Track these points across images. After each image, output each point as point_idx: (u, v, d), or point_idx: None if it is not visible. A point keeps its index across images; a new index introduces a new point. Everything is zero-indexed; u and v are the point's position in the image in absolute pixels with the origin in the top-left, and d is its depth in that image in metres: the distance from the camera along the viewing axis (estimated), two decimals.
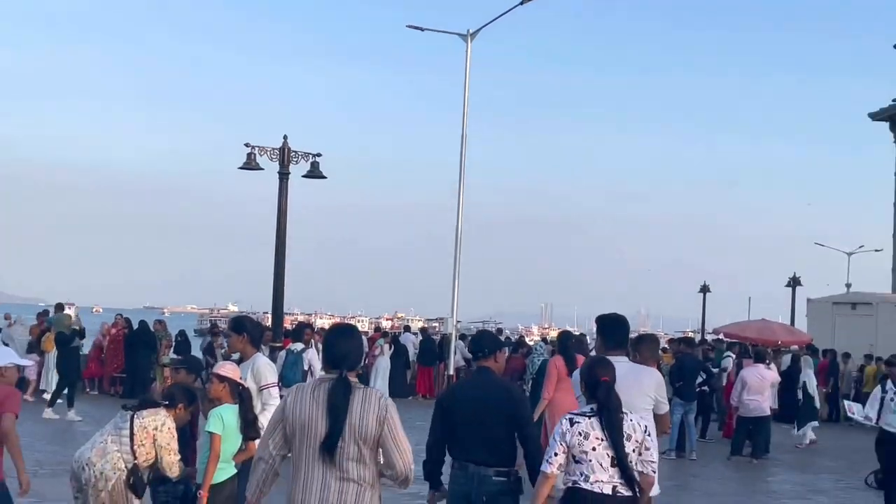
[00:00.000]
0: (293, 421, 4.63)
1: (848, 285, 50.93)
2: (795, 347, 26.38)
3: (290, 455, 4.73)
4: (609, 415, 5.43)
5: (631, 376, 6.22)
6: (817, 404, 20.88)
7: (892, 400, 11.05)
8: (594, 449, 5.38)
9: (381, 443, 4.61)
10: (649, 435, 5.55)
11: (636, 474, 5.43)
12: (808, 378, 20.67)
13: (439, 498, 6.32)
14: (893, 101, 53.92)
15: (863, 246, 63.59)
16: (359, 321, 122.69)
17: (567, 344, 11.76)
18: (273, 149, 17.94)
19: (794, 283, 58.72)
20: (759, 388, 17.23)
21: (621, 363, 6.15)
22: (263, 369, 7.47)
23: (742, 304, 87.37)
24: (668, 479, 13.74)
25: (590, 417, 5.44)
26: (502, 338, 32.02)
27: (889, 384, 11.23)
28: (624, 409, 5.52)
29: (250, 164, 17.86)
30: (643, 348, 7.05)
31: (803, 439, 19.77)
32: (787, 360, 24.19)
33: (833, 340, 28.62)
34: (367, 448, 4.58)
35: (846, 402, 14.88)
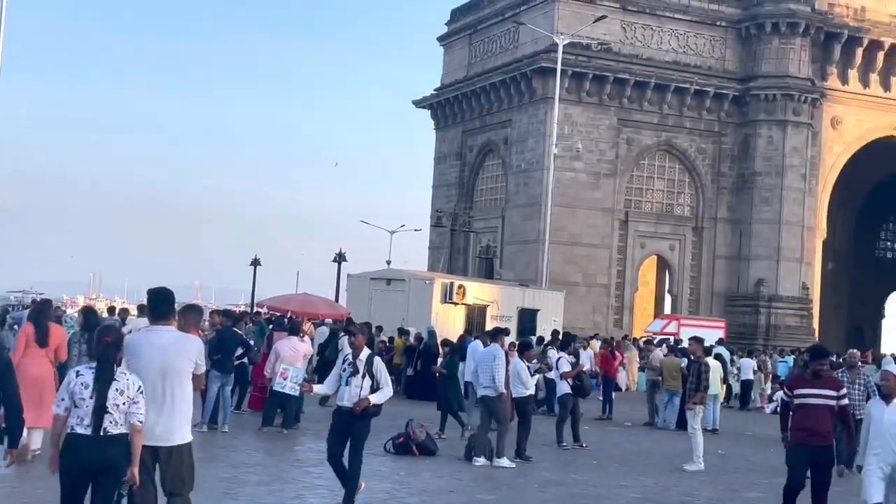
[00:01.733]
0: None
1: (388, 262, 53.80)
2: (330, 321, 27.45)
3: None
4: (100, 369, 6.76)
5: (177, 342, 7.36)
6: None
7: (344, 371, 10.80)
8: (91, 397, 6.66)
9: None
10: (142, 393, 6.86)
11: (125, 422, 6.77)
12: (343, 350, 21.61)
13: None
14: (435, 90, 57.80)
15: (404, 225, 67.87)
16: None
17: (41, 310, 12.25)
18: None
19: (340, 258, 61.30)
20: (291, 360, 17.71)
21: (169, 331, 7.37)
22: None
23: (291, 278, 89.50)
24: (197, 451, 13.74)
25: (92, 371, 6.76)
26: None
27: (349, 356, 10.92)
28: (124, 370, 6.89)
29: None
30: (188, 318, 7.92)
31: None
32: (323, 331, 25.12)
33: (370, 314, 30.07)
34: None
35: (282, 366, 15.12)
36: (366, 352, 10.74)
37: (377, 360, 10.77)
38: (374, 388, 10.55)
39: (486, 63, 53.19)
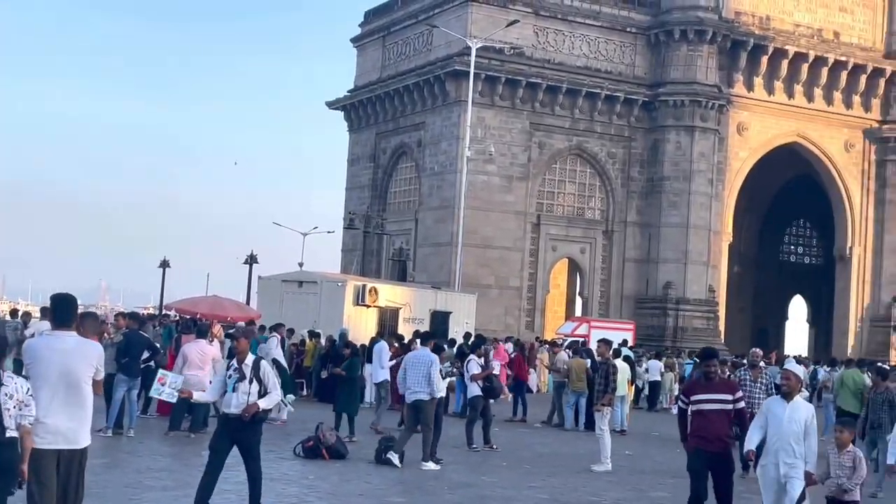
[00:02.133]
0: None
1: (301, 264, 53.43)
2: (241, 324, 27.15)
3: None
4: None
5: (79, 348, 7.53)
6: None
7: (230, 377, 10.48)
8: None
9: None
10: (31, 395, 6.98)
11: (15, 423, 6.90)
12: (278, 354, 21.60)
13: None
14: (348, 91, 57.63)
15: (317, 227, 67.55)
16: None
17: None
18: None
19: (252, 260, 60.76)
20: (200, 363, 17.50)
21: (71, 336, 7.51)
22: None
23: (202, 280, 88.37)
24: (101, 457, 13.51)
25: None
26: None
27: (234, 363, 10.59)
28: (11, 374, 6.96)
29: None
30: (87, 325, 8.01)
31: (280, 415, 20.38)
32: None
33: (281, 316, 29.83)
34: None
35: (160, 372, 14.86)
36: (251, 356, 10.61)
37: (263, 363, 10.61)
38: (262, 393, 10.37)
39: (400, 65, 53.21)
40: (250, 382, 10.31)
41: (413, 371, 15.75)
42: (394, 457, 15.07)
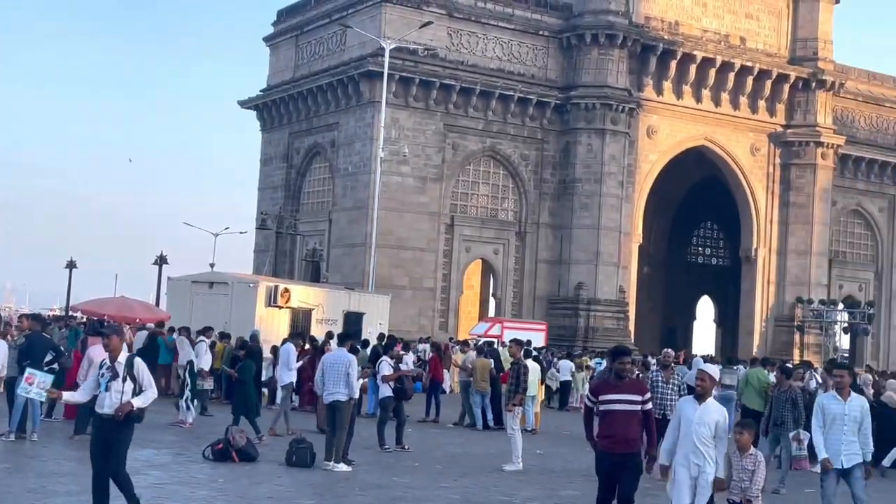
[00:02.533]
0: None
1: (212, 265, 52.80)
2: (152, 325, 26.76)
3: None
4: None
5: None
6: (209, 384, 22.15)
7: (103, 376, 10.18)
8: None
9: None
10: None
11: None
12: (204, 359, 21.43)
13: None
14: (261, 91, 57.12)
15: (228, 228, 66.93)
16: None
17: None
18: None
19: (161, 261, 59.91)
20: None
21: None
22: None
23: (109, 281, 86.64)
24: (2, 461, 13.22)
25: None
26: None
27: (106, 361, 10.29)
28: None
29: None
30: None
31: (186, 417, 20.22)
32: (141, 336, 24.44)
33: (191, 318, 29.37)
34: None
35: (28, 371, 14.61)
36: (124, 354, 10.29)
37: (137, 361, 10.31)
38: (137, 392, 10.08)
39: (314, 65, 52.92)
40: (124, 381, 10.01)
41: (331, 372, 15.70)
42: (337, 466, 15.06)
